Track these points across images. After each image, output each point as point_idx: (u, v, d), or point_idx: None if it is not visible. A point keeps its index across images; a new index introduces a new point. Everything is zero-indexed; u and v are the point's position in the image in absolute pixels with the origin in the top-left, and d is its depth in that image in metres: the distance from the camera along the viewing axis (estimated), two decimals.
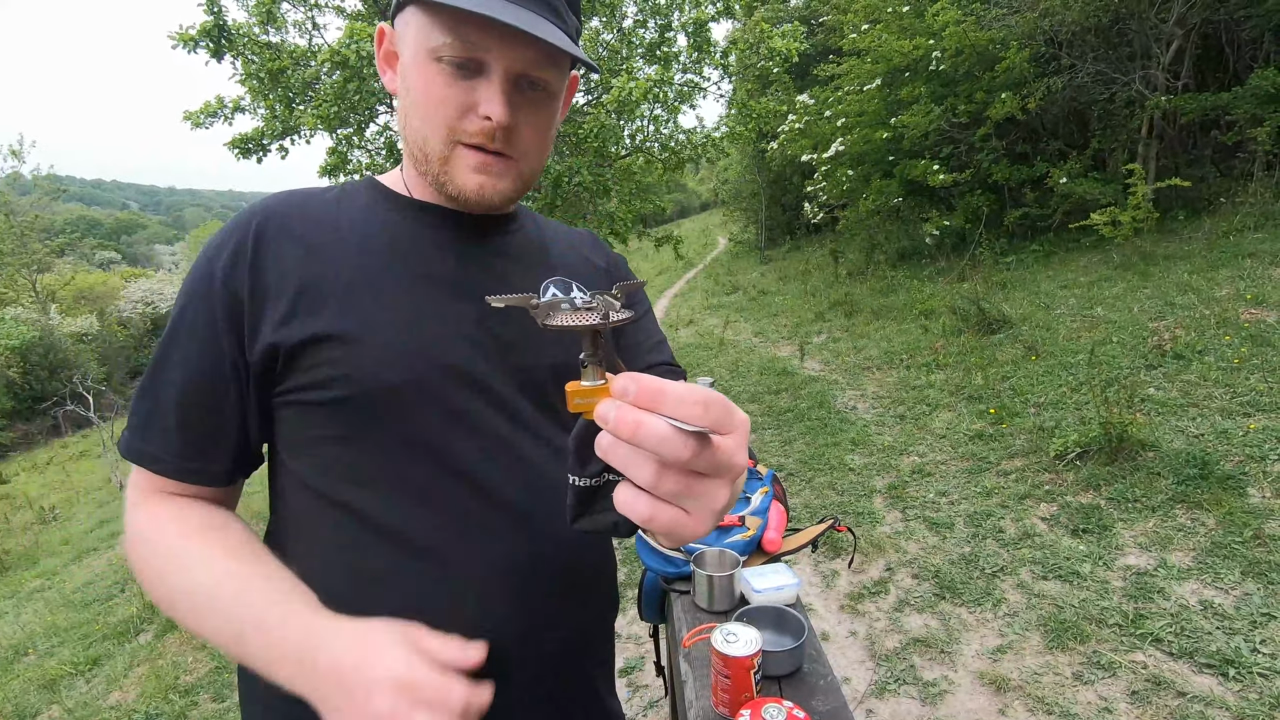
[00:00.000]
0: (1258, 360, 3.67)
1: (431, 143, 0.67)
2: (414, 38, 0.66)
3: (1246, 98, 6.28)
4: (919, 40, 7.96)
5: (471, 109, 0.65)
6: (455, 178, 0.68)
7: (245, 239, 0.67)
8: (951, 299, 6.50)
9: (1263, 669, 1.99)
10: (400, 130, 0.72)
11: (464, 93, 0.65)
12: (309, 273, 0.67)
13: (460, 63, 0.64)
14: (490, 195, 0.69)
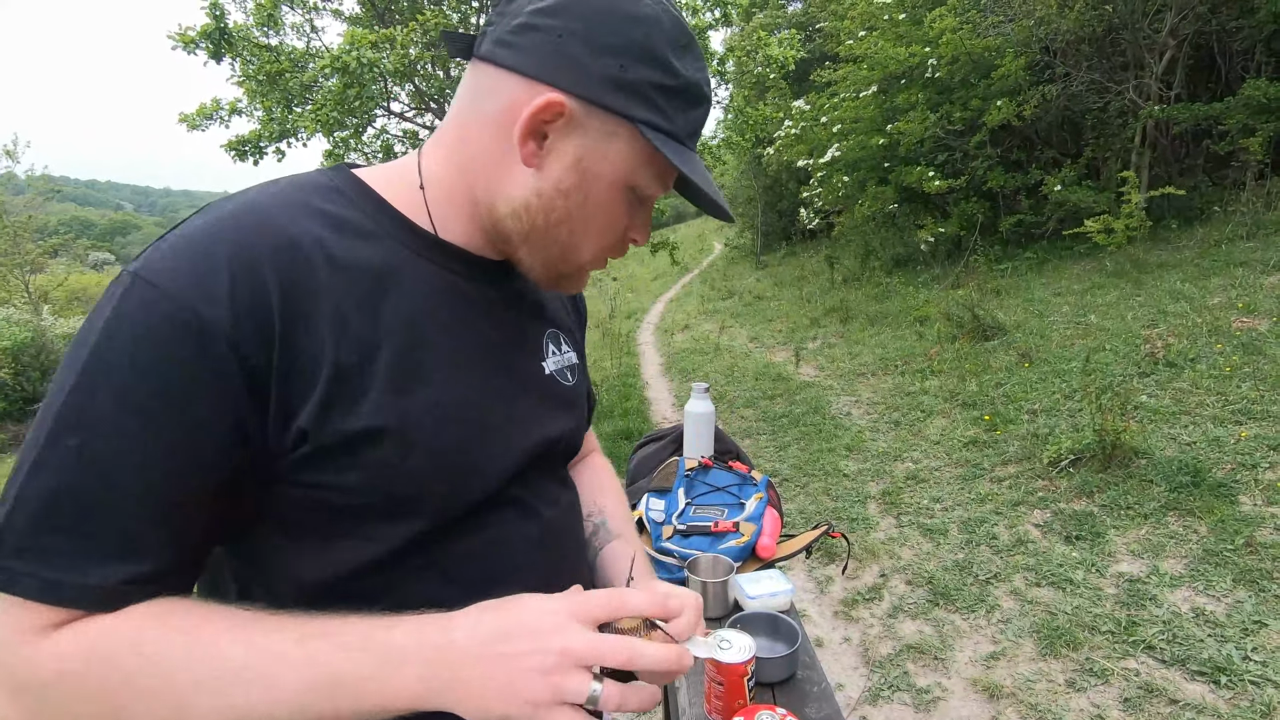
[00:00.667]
0: (1249, 368, 3.70)
1: (583, 253, 0.65)
2: (618, 161, 0.59)
3: (1238, 108, 6.34)
4: (915, 47, 8.01)
5: (626, 231, 0.66)
6: (572, 283, 0.69)
7: (262, 287, 0.50)
8: (946, 305, 6.53)
9: (1254, 676, 2.00)
10: (531, 199, 0.60)
11: (628, 219, 0.65)
12: (349, 337, 0.54)
13: (644, 198, 0.65)
14: (581, 289, 0.73)
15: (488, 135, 0.60)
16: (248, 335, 0.49)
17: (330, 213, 0.58)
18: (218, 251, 0.50)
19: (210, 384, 0.48)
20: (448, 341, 0.61)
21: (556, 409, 0.73)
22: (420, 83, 6.88)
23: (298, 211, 0.56)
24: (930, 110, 8.17)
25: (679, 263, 10.81)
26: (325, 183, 0.60)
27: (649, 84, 0.57)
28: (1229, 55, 7.43)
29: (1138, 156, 7.18)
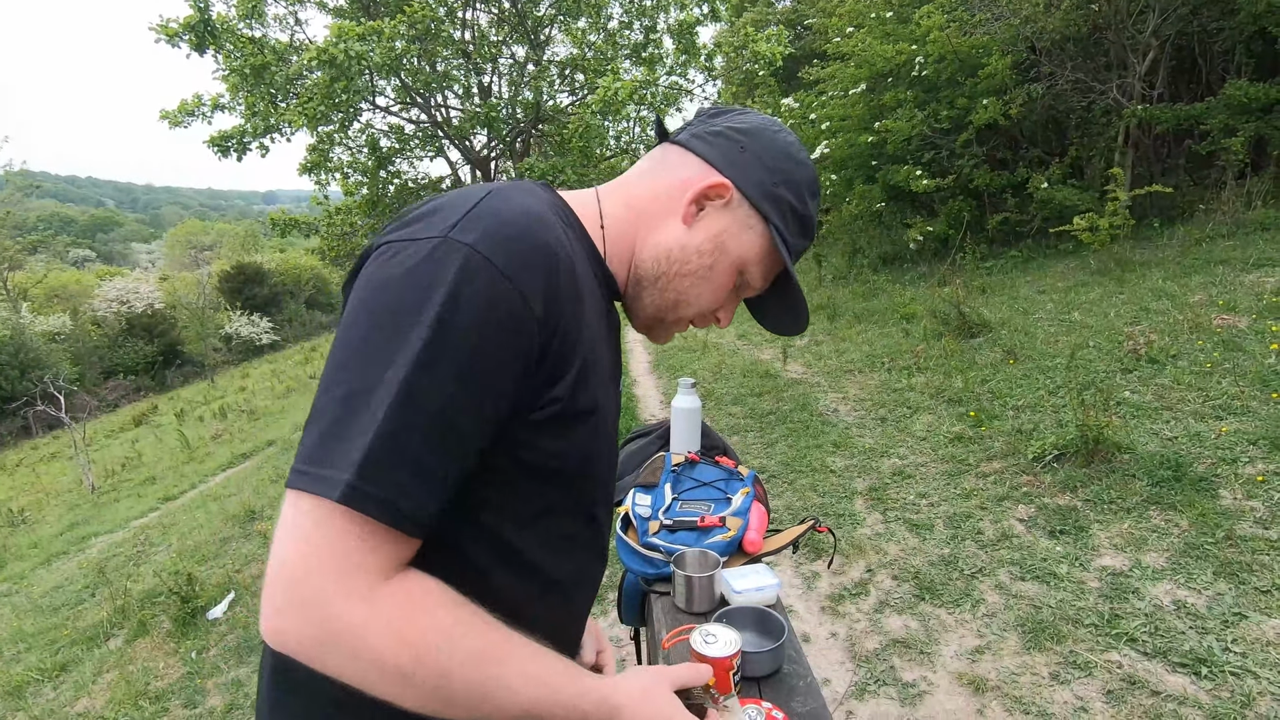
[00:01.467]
0: (1229, 365, 3.74)
1: (687, 310, 0.80)
2: (745, 247, 0.77)
3: (1220, 108, 6.42)
4: (903, 45, 8.05)
5: (715, 310, 0.82)
6: (664, 333, 0.83)
7: (559, 276, 0.61)
8: (932, 303, 6.56)
9: (1234, 668, 2.02)
10: (675, 250, 0.77)
11: (727, 300, 0.82)
12: (584, 336, 0.65)
13: (743, 287, 0.82)
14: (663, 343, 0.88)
15: (664, 192, 0.77)
16: (549, 325, 0.59)
17: (568, 233, 0.68)
18: (540, 247, 0.60)
19: (521, 362, 0.58)
20: (604, 351, 0.73)
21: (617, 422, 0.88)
22: (406, 77, 6.82)
23: (563, 225, 0.67)
24: (918, 109, 8.21)
25: None
26: (556, 203, 0.71)
27: (787, 203, 0.77)
28: (1210, 56, 7.53)
29: (1121, 156, 7.26)
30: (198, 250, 44.39)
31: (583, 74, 7.62)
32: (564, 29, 7.75)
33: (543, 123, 8.29)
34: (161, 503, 7.77)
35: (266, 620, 0.53)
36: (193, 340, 27.33)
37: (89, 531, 7.19)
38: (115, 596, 4.23)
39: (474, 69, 7.81)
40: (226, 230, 49.89)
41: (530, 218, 0.61)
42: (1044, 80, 7.65)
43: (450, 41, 7.06)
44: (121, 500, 8.65)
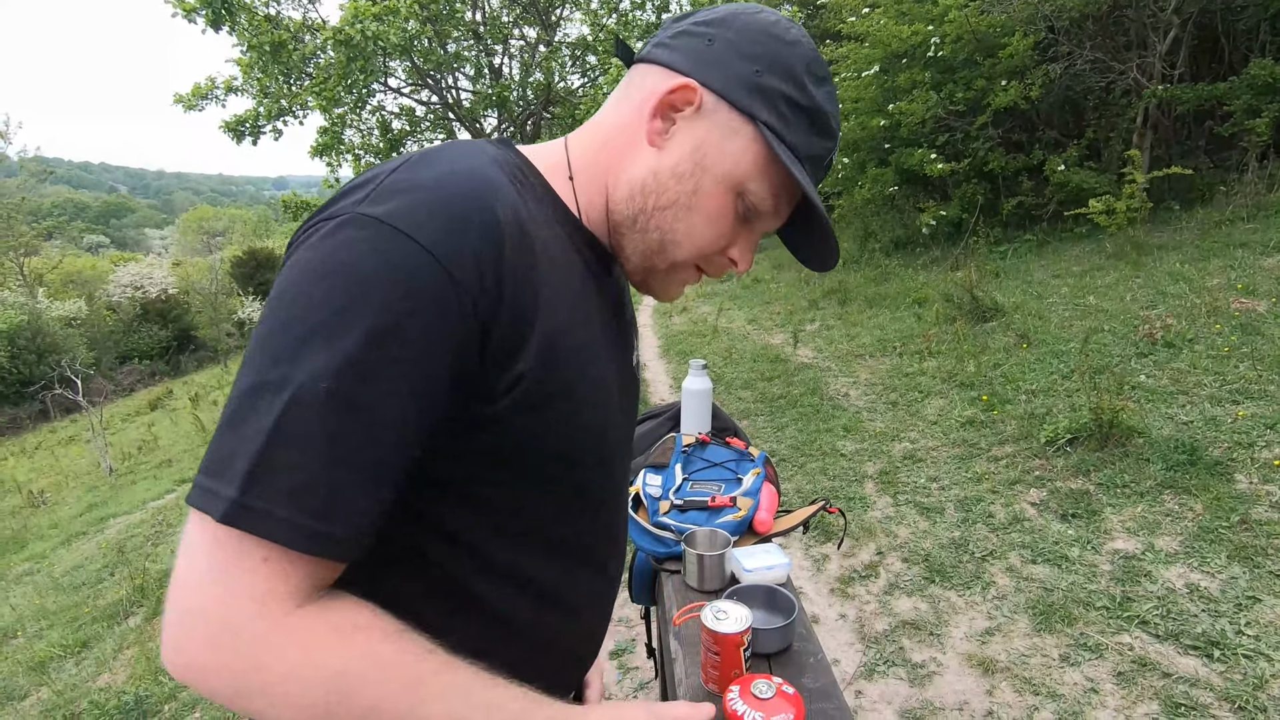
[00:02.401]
0: (1247, 349, 3.69)
1: (680, 251, 0.66)
2: (734, 159, 0.62)
3: (1243, 88, 6.28)
4: (918, 26, 7.90)
5: (726, 249, 0.68)
6: (668, 285, 0.70)
7: (498, 240, 0.52)
8: (945, 287, 6.50)
9: (1247, 650, 2.02)
10: (648, 180, 0.64)
11: (731, 233, 0.66)
12: (551, 306, 0.57)
13: (752, 214, 0.65)
14: (672, 299, 0.73)
15: (626, 117, 0.65)
16: (489, 297, 0.51)
17: (523, 187, 0.60)
18: (465, 211, 0.51)
19: (451, 344, 0.50)
20: (590, 323, 0.65)
21: (634, 401, 0.79)
22: (418, 58, 6.79)
23: (511, 182, 0.58)
24: (933, 90, 8.08)
25: None
26: (507, 159, 0.61)
27: (779, 94, 0.61)
28: (1233, 35, 7.35)
29: (1139, 138, 7.13)
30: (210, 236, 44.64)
31: (594, 56, 7.55)
32: (582, 7, 7.67)
33: (554, 105, 8.24)
34: (177, 485, 7.89)
35: (166, 653, 0.46)
36: (206, 325, 27.58)
37: (107, 513, 7.31)
38: (134, 575, 4.31)
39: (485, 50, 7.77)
40: (238, 215, 50.13)
41: (458, 177, 0.53)
42: (1062, 60, 7.50)
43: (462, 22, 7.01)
44: (138, 482, 8.78)
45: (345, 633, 0.48)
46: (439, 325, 0.49)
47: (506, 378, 0.54)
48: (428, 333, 0.48)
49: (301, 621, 0.46)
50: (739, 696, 0.83)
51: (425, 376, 0.49)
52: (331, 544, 0.46)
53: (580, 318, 0.62)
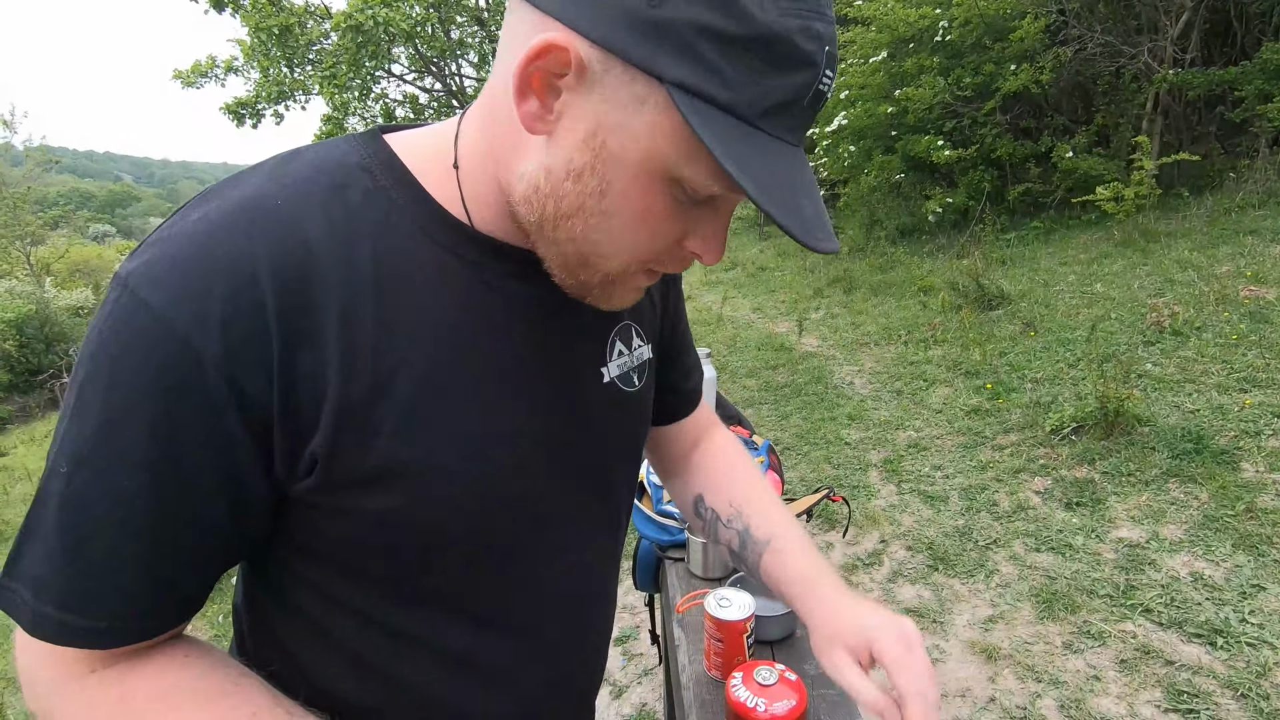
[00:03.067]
0: (1255, 337, 3.67)
1: (608, 263, 0.49)
2: (648, 140, 0.43)
3: (1255, 73, 6.19)
4: (926, 9, 7.81)
5: (681, 241, 0.50)
6: (611, 296, 0.53)
7: (257, 304, 0.43)
8: (951, 275, 6.47)
9: (1251, 639, 2.02)
10: (542, 182, 0.47)
11: (684, 222, 0.48)
12: (361, 358, 0.46)
13: (700, 198, 0.47)
14: (630, 305, 0.56)
15: (504, 89, 0.46)
16: (244, 365, 0.43)
17: (352, 204, 0.48)
18: (210, 265, 0.42)
19: (203, 420, 0.43)
20: (480, 358, 0.52)
21: (610, 425, 0.63)
22: (422, 45, 6.76)
23: (313, 206, 0.46)
24: (940, 76, 8.00)
25: None
26: (353, 162, 0.50)
27: (693, 26, 0.39)
28: (1246, 18, 7.24)
29: (1149, 123, 7.05)
30: None
31: None
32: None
33: None
34: None
35: None
36: None
37: None
38: None
39: (488, 36, 7.72)
40: None
41: (219, 222, 0.44)
42: (1072, 44, 7.41)
43: (466, 8, 6.97)
44: None
45: (130, 702, 0.47)
46: (184, 404, 0.42)
47: (303, 456, 0.46)
48: (163, 416, 0.42)
49: (82, 692, 0.47)
50: (741, 683, 0.83)
51: (163, 458, 0.43)
52: (78, 633, 0.45)
53: (442, 357, 0.50)
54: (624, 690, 2.33)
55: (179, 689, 0.48)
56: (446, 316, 0.50)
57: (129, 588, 0.45)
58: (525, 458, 0.55)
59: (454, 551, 0.54)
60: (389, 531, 0.51)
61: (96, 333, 0.43)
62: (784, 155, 0.44)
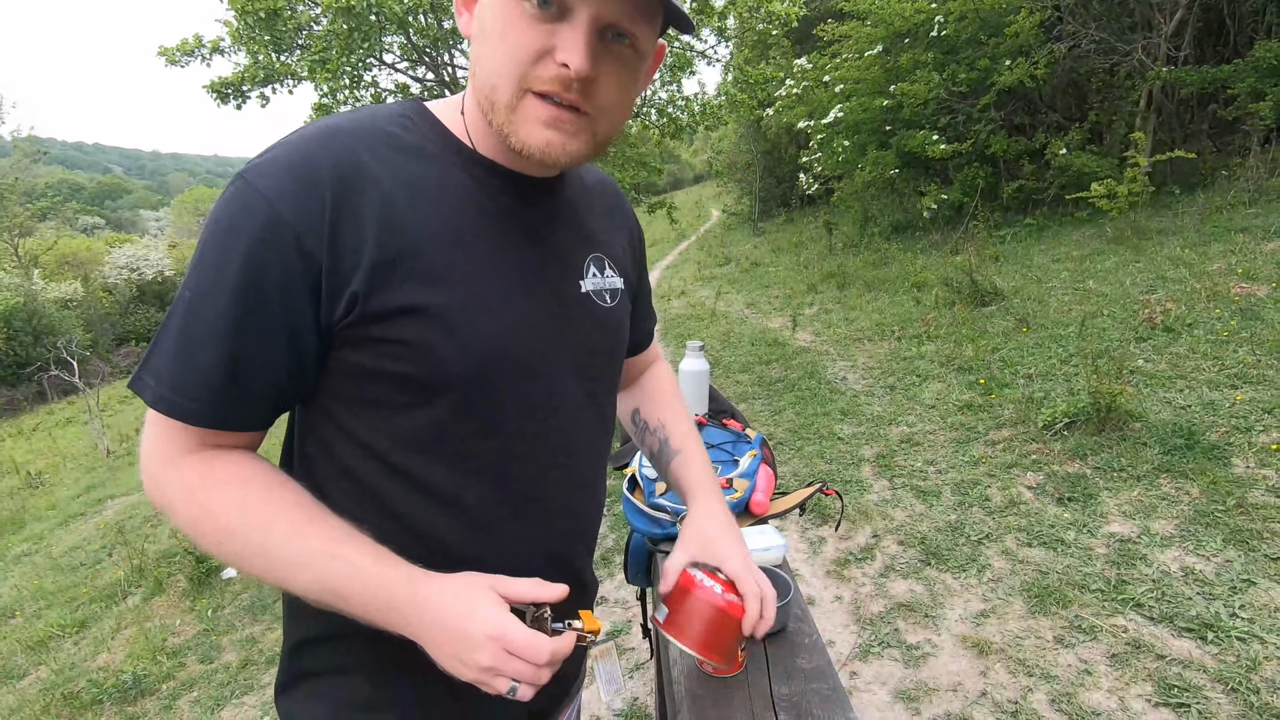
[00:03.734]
0: (1246, 334, 3.68)
1: (500, 90, 0.62)
2: None
3: (1248, 71, 6.21)
4: (921, 3, 7.80)
5: (548, 54, 0.60)
6: (521, 130, 0.63)
7: (321, 190, 0.60)
8: (944, 271, 6.48)
9: (1241, 633, 2.02)
10: (470, 74, 0.67)
11: (543, 36, 0.59)
12: (393, 233, 0.63)
13: (544, 1, 0.58)
14: (558, 154, 0.64)
15: None
16: (308, 229, 0.60)
17: (394, 134, 0.67)
18: (297, 165, 0.61)
19: (279, 271, 0.60)
20: (485, 246, 0.68)
21: (589, 327, 0.77)
22: (415, 34, 6.70)
23: (366, 133, 0.65)
24: (936, 71, 7.99)
25: (677, 223, 10.70)
26: (397, 111, 0.69)
27: None
28: (1239, 17, 7.26)
29: (1143, 121, 7.06)
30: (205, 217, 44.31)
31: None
32: None
33: None
34: None
35: None
36: None
37: (105, 494, 7.32)
38: (132, 556, 4.32)
39: None
40: None
41: (306, 136, 0.63)
42: (1067, 40, 7.41)
43: None
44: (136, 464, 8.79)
45: (217, 477, 0.63)
46: (264, 255, 0.59)
47: (344, 297, 0.62)
48: (253, 258, 0.59)
49: (179, 471, 0.63)
50: (697, 568, 0.81)
51: (250, 286, 0.59)
52: (178, 408, 0.61)
53: (453, 240, 0.66)
54: None
55: (254, 475, 0.65)
56: (461, 214, 0.67)
57: (216, 381, 0.61)
58: (521, 325, 0.69)
59: (455, 384, 0.66)
60: (403, 361, 0.64)
61: (222, 204, 0.61)
62: None
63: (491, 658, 0.61)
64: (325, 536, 0.62)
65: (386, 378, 0.65)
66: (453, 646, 0.62)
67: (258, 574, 0.63)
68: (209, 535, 0.63)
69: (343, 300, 0.62)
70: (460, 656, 0.62)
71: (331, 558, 0.61)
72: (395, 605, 0.62)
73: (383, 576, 0.62)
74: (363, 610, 0.62)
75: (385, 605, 0.62)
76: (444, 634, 0.62)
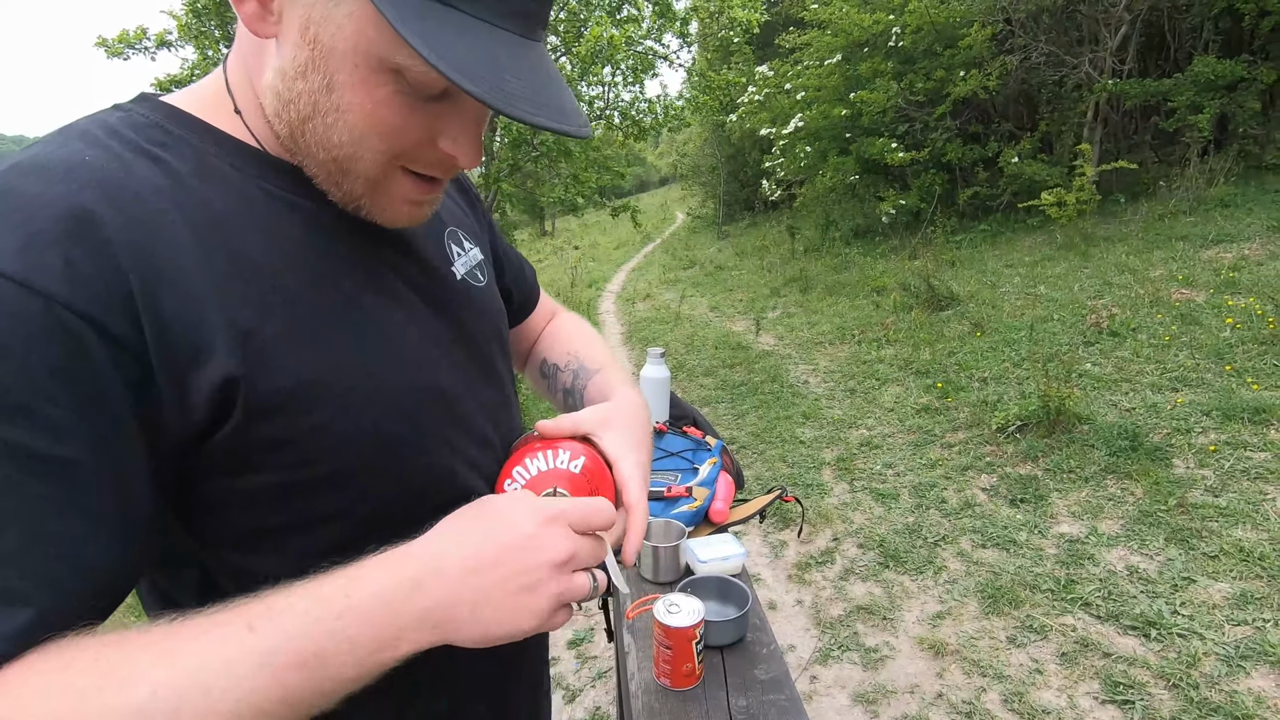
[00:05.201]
0: (1186, 338, 3.84)
1: (362, 162, 0.48)
2: (354, 34, 0.43)
3: (1187, 85, 6.49)
4: (880, 15, 7.97)
5: (431, 140, 0.49)
6: (383, 206, 0.52)
7: (107, 253, 0.41)
8: (903, 276, 6.61)
9: (1182, 630, 2.10)
10: (280, 86, 0.47)
11: (425, 122, 0.48)
12: (220, 300, 0.45)
13: (432, 93, 0.47)
14: (417, 224, 0.56)
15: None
16: (103, 305, 0.40)
17: (161, 157, 0.47)
18: (35, 210, 0.40)
19: (72, 366, 0.39)
20: (340, 278, 0.52)
21: (478, 315, 0.65)
22: None
23: (124, 160, 0.45)
24: (894, 80, 8.17)
25: (641, 225, 10.70)
26: (142, 120, 0.48)
27: None
28: (1179, 33, 7.58)
29: (1089, 131, 7.32)
30: None
31: (555, 36, 7.42)
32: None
33: None
34: None
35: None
36: None
37: None
38: None
39: None
40: None
41: (33, 172, 0.42)
42: (1018, 52, 7.65)
43: None
44: None
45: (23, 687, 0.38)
46: (27, 358, 0.38)
47: (197, 389, 0.43)
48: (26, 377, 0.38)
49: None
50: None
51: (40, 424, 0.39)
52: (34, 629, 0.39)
53: (296, 292, 0.49)
54: (577, 694, 2.30)
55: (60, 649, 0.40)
56: (295, 248, 0.50)
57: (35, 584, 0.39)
58: (421, 356, 0.56)
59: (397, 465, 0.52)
60: (329, 455, 0.49)
61: None
62: (493, 36, 0.44)
63: (565, 539, 0.47)
64: (233, 610, 0.42)
65: (291, 492, 0.48)
66: (515, 563, 0.46)
67: None
68: None
69: (199, 395, 0.43)
70: (534, 560, 0.46)
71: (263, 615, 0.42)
72: (397, 609, 0.44)
73: (347, 573, 0.45)
74: (356, 659, 0.43)
75: (382, 624, 0.43)
76: (494, 563, 0.46)
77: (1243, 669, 1.94)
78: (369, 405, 0.50)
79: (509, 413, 0.68)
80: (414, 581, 0.45)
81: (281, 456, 0.47)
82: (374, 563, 0.46)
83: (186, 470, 0.46)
